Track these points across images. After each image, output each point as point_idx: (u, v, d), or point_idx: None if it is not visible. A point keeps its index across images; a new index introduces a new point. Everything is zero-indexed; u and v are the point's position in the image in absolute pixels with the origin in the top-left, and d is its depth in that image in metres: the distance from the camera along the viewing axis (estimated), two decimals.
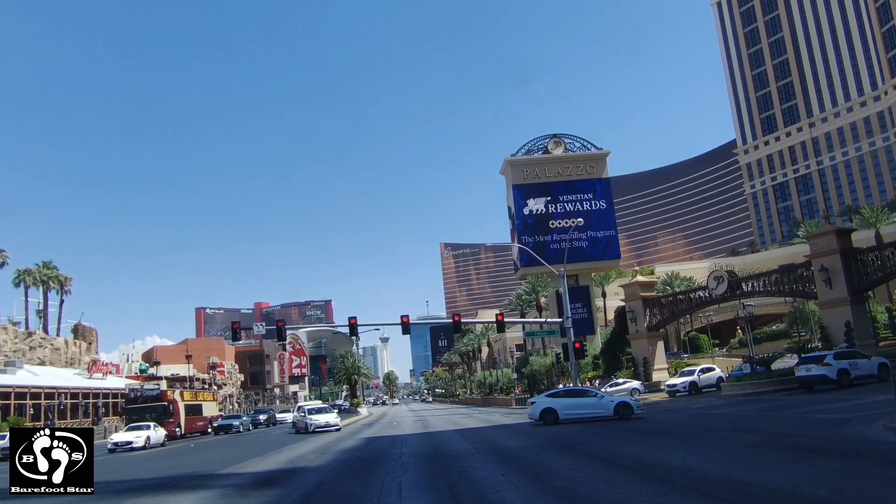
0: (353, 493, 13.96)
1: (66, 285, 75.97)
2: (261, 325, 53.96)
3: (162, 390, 50.90)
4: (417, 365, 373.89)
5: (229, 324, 64.23)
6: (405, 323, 45.10)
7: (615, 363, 60.02)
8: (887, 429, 15.32)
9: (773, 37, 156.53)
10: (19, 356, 61.74)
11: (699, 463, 14.17)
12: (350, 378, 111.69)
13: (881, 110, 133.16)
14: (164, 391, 50.49)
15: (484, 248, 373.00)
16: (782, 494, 9.95)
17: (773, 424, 21.53)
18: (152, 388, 52.92)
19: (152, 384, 58.16)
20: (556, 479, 13.58)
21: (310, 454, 24.35)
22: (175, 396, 50.44)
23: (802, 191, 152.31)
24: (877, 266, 40.07)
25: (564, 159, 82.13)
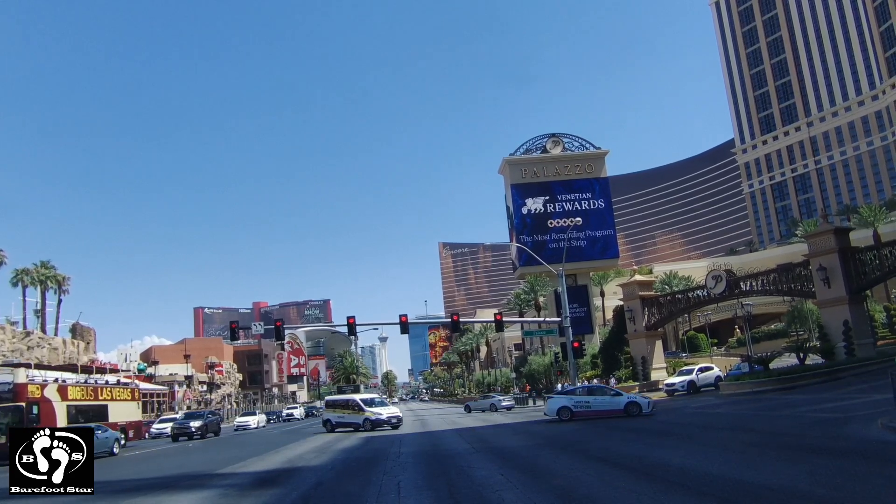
0: (351, 492, 13.96)
1: (63, 285, 75.82)
2: (259, 324, 54.05)
3: (17, 384, 32.34)
4: (416, 364, 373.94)
5: (228, 323, 64.26)
6: (403, 322, 45.09)
7: (613, 362, 60.07)
8: (886, 428, 15.35)
9: (772, 36, 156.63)
10: (17, 356, 61.61)
11: (698, 462, 14.19)
12: (349, 377, 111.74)
13: (879, 110, 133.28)
14: (20, 385, 32.32)
15: (482, 248, 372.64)
16: (782, 494, 9.96)
17: (771, 424, 21.56)
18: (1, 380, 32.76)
19: (4, 374, 34.28)
20: (554, 479, 13.60)
21: (308, 454, 24.34)
22: (47, 393, 33.66)
23: (800, 190, 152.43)
24: (875, 265, 40.13)
25: (563, 159, 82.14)
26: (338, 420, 37.89)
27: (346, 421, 37.45)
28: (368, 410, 37.22)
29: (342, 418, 37.70)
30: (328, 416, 38.92)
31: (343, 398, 41.78)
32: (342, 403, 39.42)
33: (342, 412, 38.14)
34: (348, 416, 37.54)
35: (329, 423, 38.12)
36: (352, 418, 37.24)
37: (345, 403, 39.24)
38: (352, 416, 37.37)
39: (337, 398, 42.44)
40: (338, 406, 39.22)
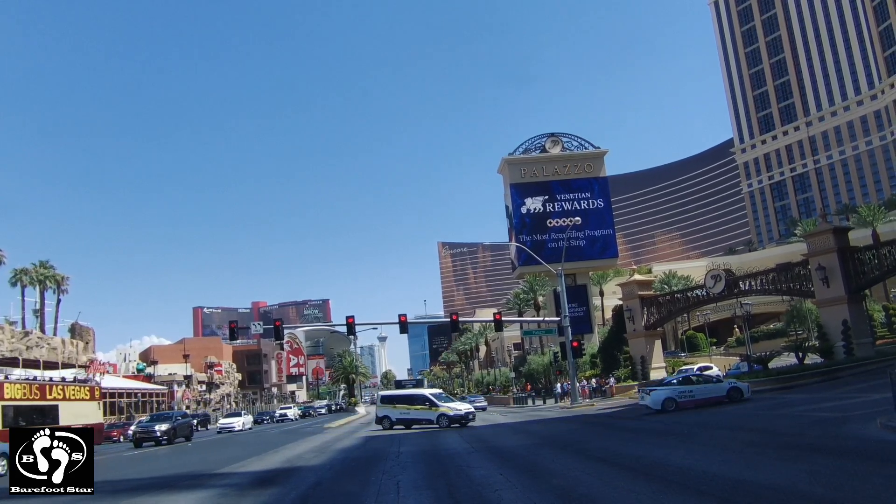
0: (351, 492, 13.97)
1: (62, 284, 75.80)
2: (258, 324, 54.06)
3: None
4: (415, 364, 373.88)
5: (227, 323, 64.52)
6: (403, 322, 45.16)
7: (613, 362, 60.12)
8: (885, 427, 15.36)
9: (770, 36, 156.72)
10: (16, 356, 61.61)
11: (697, 461, 14.20)
12: (348, 377, 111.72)
13: (878, 109, 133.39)
14: None
15: (482, 248, 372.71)
16: (781, 493, 9.97)
17: (770, 423, 21.58)
18: None
19: None
20: (554, 478, 13.61)
21: (307, 453, 24.35)
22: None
23: (799, 190, 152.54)
24: (874, 265, 40.15)
25: (562, 158, 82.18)
26: (401, 417, 35.42)
27: (412, 417, 35.14)
28: (444, 406, 35.20)
29: (406, 414, 35.32)
30: (386, 412, 36.17)
31: (406, 393, 38.98)
32: (405, 398, 36.87)
33: (406, 407, 35.62)
34: (416, 412, 35.22)
35: (387, 421, 35.58)
36: (420, 414, 35.05)
37: (409, 398, 36.71)
38: (421, 412, 35.11)
39: (397, 393, 39.37)
40: (399, 401, 36.51)
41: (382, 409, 36.72)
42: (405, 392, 39.64)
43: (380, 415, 36.57)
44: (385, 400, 37.56)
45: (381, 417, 36.36)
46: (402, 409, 35.63)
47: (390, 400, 37.25)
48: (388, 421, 35.60)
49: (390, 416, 35.70)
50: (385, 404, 36.90)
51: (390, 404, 36.54)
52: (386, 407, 36.52)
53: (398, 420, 35.37)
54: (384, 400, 37.63)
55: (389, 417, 35.70)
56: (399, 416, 35.44)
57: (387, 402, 37.18)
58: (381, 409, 36.75)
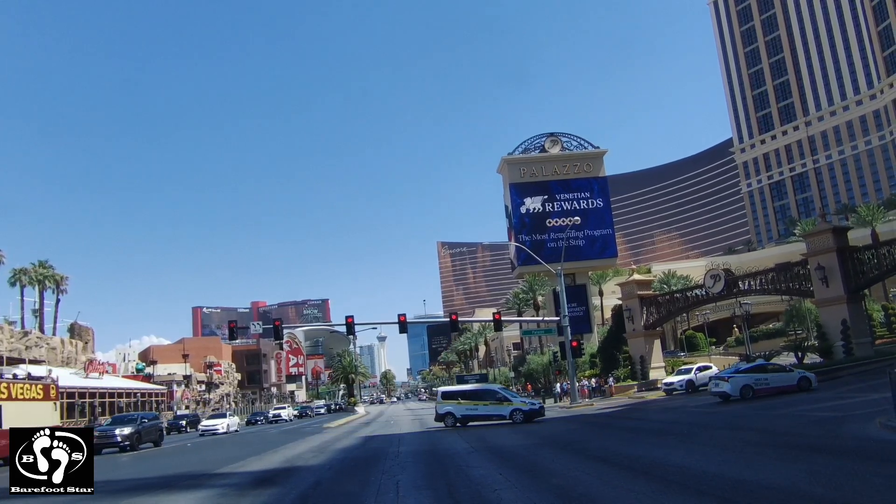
0: (350, 492, 13.96)
1: (62, 284, 75.86)
2: (258, 324, 54.03)
3: None
4: (415, 364, 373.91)
5: (226, 323, 64.43)
6: (402, 322, 45.15)
7: (612, 362, 60.14)
8: (884, 427, 15.37)
9: (770, 35, 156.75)
10: (15, 356, 61.59)
11: (696, 461, 14.20)
12: (347, 377, 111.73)
13: (877, 109, 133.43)
14: None
15: (481, 247, 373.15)
16: (780, 493, 9.98)
17: (770, 423, 21.58)
18: None
19: None
20: (553, 478, 13.61)
21: (307, 453, 24.35)
22: None
23: (799, 189, 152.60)
24: (873, 264, 40.19)
25: (561, 158, 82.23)
26: (466, 413, 33.42)
27: (480, 414, 33.27)
28: (517, 400, 33.99)
29: (473, 411, 33.40)
30: (449, 408, 33.91)
31: (473, 388, 37.04)
32: (471, 394, 35.01)
33: (473, 403, 33.66)
34: (485, 407, 33.35)
35: (451, 418, 33.42)
36: (490, 410, 33.22)
37: (476, 393, 34.96)
38: (491, 407, 33.28)
39: (461, 388, 37.12)
40: (464, 397, 34.48)
41: (444, 405, 34.34)
42: (471, 387, 37.65)
43: (441, 412, 34.21)
44: (447, 396, 35.46)
45: (442, 415, 34.04)
46: (468, 406, 33.61)
47: (453, 395, 35.24)
48: (452, 418, 33.49)
49: (454, 412, 33.62)
50: (447, 400, 34.73)
51: (453, 400, 34.47)
52: (448, 403, 34.31)
53: (463, 417, 33.39)
54: (446, 396, 35.49)
55: (453, 414, 33.62)
56: (464, 412, 33.49)
57: (449, 397, 35.09)
58: (443, 406, 34.33)
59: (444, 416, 33.93)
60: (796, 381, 31.23)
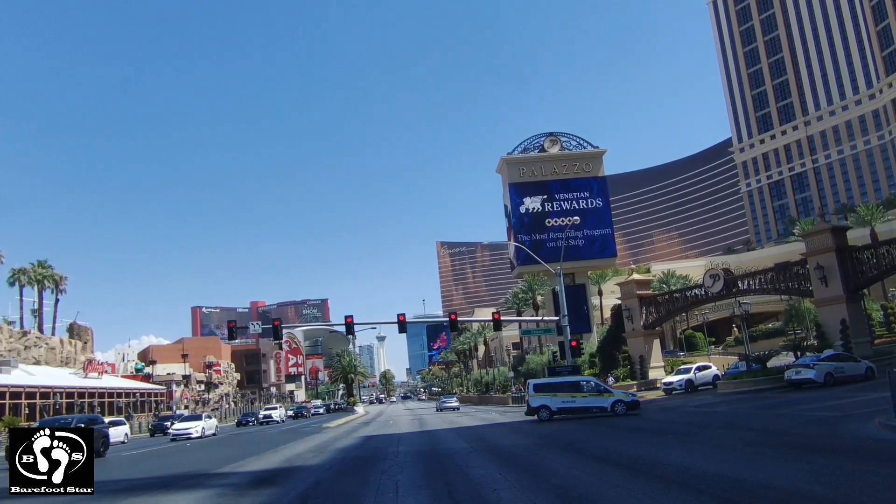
0: (350, 491, 13.96)
1: (61, 284, 75.81)
2: (257, 324, 53.95)
3: None
4: (414, 363, 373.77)
5: (226, 323, 64.30)
6: (401, 321, 45.15)
7: (612, 361, 60.15)
8: (884, 426, 15.39)
9: (769, 35, 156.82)
10: (14, 356, 61.60)
11: (696, 461, 14.21)
12: (346, 377, 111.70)
13: (876, 108, 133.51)
14: None
15: (480, 247, 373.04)
16: (780, 492, 9.98)
17: (769, 422, 21.60)
18: None
19: None
20: (553, 478, 13.62)
21: (306, 453, 24.34)
22: None
23: (798, 189, 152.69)
24: (872, 264, 40.21)
25: (561, 158, 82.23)
26: (563, 406, 32.13)
27: (578, 406, 32.05)
28: (618, 392, 33.32)
29: (570, 403, 32.14)
30: (543, 401, 32.57)
31: (569, 379, 35.35)
32: (567, 385, 33.53)
33: (570, 395, 32.36)
34: (583, 399, 32.15)
35: (545, 411, 32.14)
36: (589, 402, 32.03)
37: (573, 385, 33.51)
38: (590, 398, 32.13)
39: (557, 380, 35.53)
40: (560, 389, 33.04)
41: (538, 398, 32.98)
42: (567, 378, 35.97)
43: (535, 405, 32.89)
44: (540, 388, 33.90)
45: (536, 408, 32.76)
46: (565, 398, 32.30)
47: (549, 388, 33.70)
48: (547, 411, 32.27)
49: (549, 405, 32.38)
50: (541, 393, 33.27)
51: (549, 392, 33.02)
52: (543, 396, 32.93)
53: (560, 410, 32.19)
54: (539, 388, 33.91)
55: (549, 407, 32.36)
56: (561, 404, 32.24)
57: (543, 389, 33.57)
58: (537, 399, 32.98)
59: (537, 409, 32.71)
60: (864, 370, 32.78)
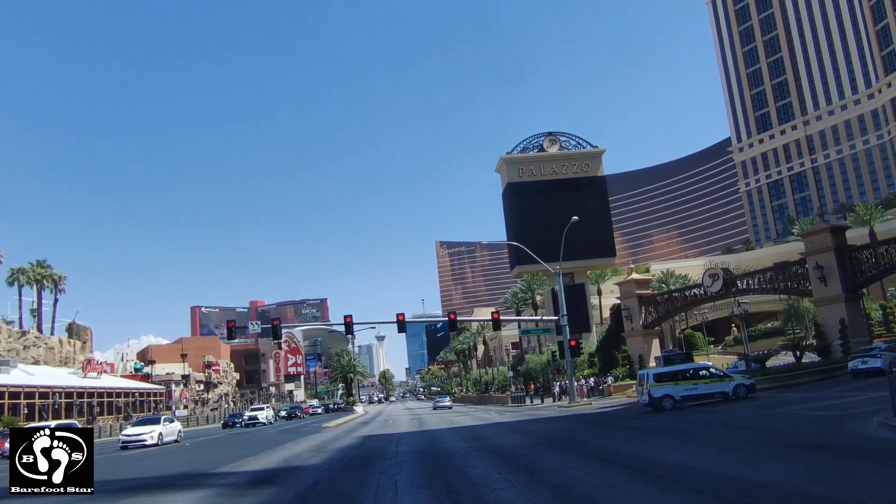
0: (349, 491, 13.96)
1: (60, 284, 75.81)
2: (256, 323, 53.97)
3: None
4: (413, 363, 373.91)
5: (225, 322, 64.12)
6: (401, 321, 45.19)
7: (611, 361, 60.20)
8: (883, 426, 15.40)
9: (768, 35, 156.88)
10: (13, 355, 61.61)
11: (695, 460, 14.22)
12: (346, 376, 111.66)
13: (875, 108, 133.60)
14: None
15: (479, 246, 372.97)
16: (779, 492, 9.99)
17: (768, 421, 21.60)
18: None
19: None
20: (552, 477, 13.62)
21: (305, 453, 24.35)
22: None
23: (797, 189, 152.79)
24: (871, 263, 40.26)
25: (560, 157, 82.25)
26: (686, 393, 31.66)
27: (701, 393, 31.72)
28: (736, 377, 32.85)
29: (693, 391, 31.69)
30: (666, 390, 31.81)
31: (690, 367, 34.93)
32: (687, 373, 33.04)
33: (692, 383, 31.92)
34: (705, 385, 31.85)
35: (669, 400, 31.45)
36: (712, 388, 31.80)
37: (694, 372, 33.17)
38: (713, 385, 31.89)
39: (678, 368, 34.54)
40: (682, 377, 32.47)
41: (659, 387, 32.07)
42: (687, 366, 35.16)
43: (657, 395, 31.93)
44: (661, 377, 32.96)
45: (659, 398, 31.83)
46: (688, 385, 31.82)
47: (670, 376, 32.85)
48: (671, 400, 31.48)
49: (672, 394, 31.69)
50: (663, 382, 32.39)
51: (671, 381, 32.24)
52: (664, 385, 32.12)
53: (683, 398, 31.64)
54: (660, 378, 32.88)
55: (672, 396, 31.64)
56: (684, 392, 31.71)
57: (665, 379, 32.69)
58: (659, 389, 32.03)
59: (660, 399, 31.77)
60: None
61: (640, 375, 35.04)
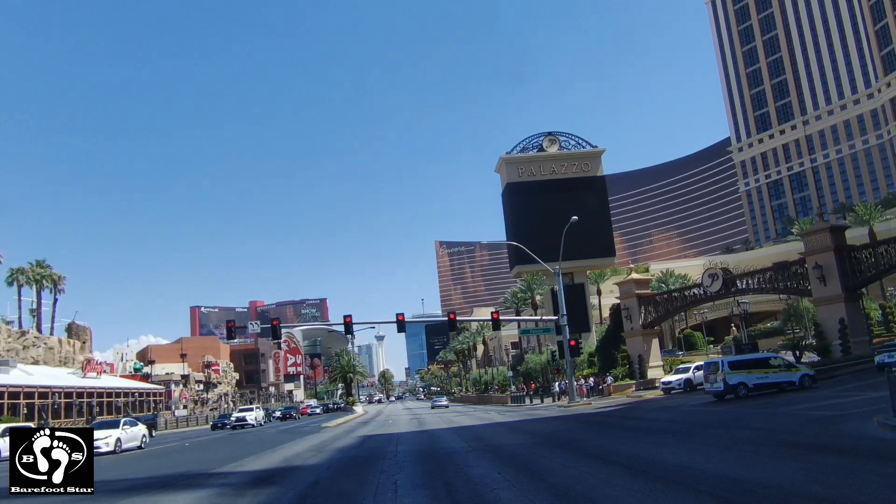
0: (348, 491, 13.96)
1: (59, 284, 75.77)
2: (256, 323, 53.96)
3: None
4: (413, 363, 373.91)
5: (224, 322, 64.15)
6: (400, 321, 45.19)
7: (610, 361, 60.16)
8: (882, 426, 15.41)
9: (767, 35, 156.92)
10: (12, 355, 61.56)
11: (695, 460, 14.22)
12: (345, 376, 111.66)
13: (874, 108, 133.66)
14: None
15: (479, 246, 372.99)
16: (778, 491, 10.00)
17: (768, 421, 21.62)
18: None
19: None
20: (551, 477, 13.61)
21: (305, 453, 24.35)
22: None
23: (796, 188, 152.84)
24: (870, 263, 40.27)
25: (559, 157, 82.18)
26: (759, 381, 32.45)
27: (771, 381, 32.66)
28: (802, 367, 33.68)
29: (764, 379, 32.50)
30: (741, 378, 32.53)
31: (761, 356, 36.07)
32: (759, 361, 33.95)
33: (764, 371, 32.78)
34: (775, 374, 32.71)
35: (743, 388, 32.29)
36: (780, 377, 32.70)
37: (764, 361, 34.08)
38: (781, 374, 32.77)
39: (751, 357, 35.47)
40: (754, 365, 33.30)
41: (735, 375, 32.70)
42: (758, 355, 36.28)
43: (732, 382, 32.57)
44: (736, 365, 33.53)
45: (734, 385, 32.49)
46: (759, 374, 32.64)
47: (744, 364, 33.56)
48: (745, 388, 32.30)
49: (746, 381, 32.44)
50: (737, 370, 33.03)
51: (744, 370, 32.95)
52: (739, 373, 32.85)
53: (756, 385, 32.49)
54: (735, 365, 33.47)
55: (746, 384, 32.39)
56: (756, 381, 32.51)
57: (739, 367, 33.31)
58: (735, 376, 32.66)
59: (735, 386, 32.38)
60: None
61: (711, 363, 35.45)
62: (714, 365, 34.06)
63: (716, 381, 32.81)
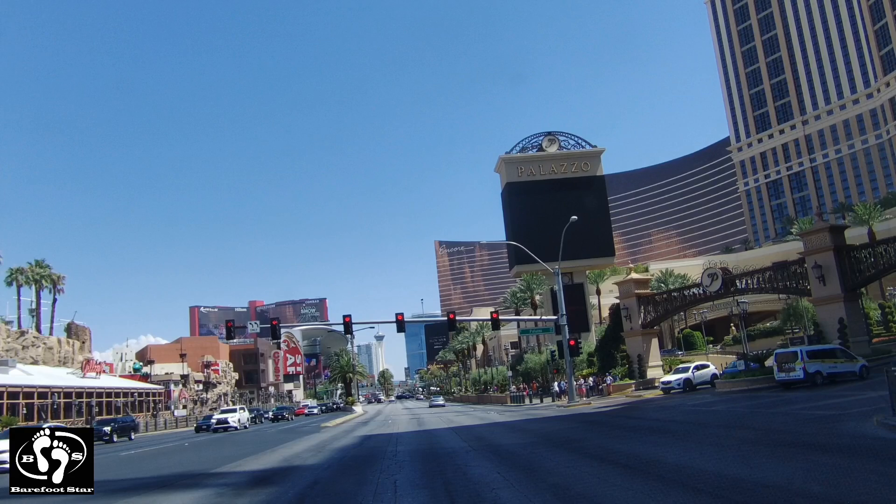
0: (348, 491, 13.95)
1: (58, 284, 75.71)
2: (255, 323, 53.90)
3: None
4: (412, 363, 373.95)
5: (224, 322, 63.94)
6: (400, 321, 45.20)
7: (610, 360, 60.18)
8: (881, 425, 15.42)
9: (767, 34, 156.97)
10: (12, 355, 61.53)
11: (694, 460, 14.23)
12: (345, 376, 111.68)
13: (874, 108, 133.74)
14: None
15: (478, 246, 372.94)
16: (777, 491, 10.00)
17: (767, 421, 21.63)
18: None
19: None
20: (551, 477, 13.62)
21: (304, 453, 24.34)
22: None
23: (796, 188, 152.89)
24: (870, 263, 40.30)
25: (559, 157, 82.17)
26: (831, 371, 34.11)
27: (839, 371, 34.22)
28: (860, 358, 35.31)
29: (833, 369, 34.17)
30: (818, 367, 34.18)
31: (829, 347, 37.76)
32: (827, 353, 35.73)
33: (833, 361, 34.56)
34: (842, 364, 34.45)
35: (820, 376, 33.81)
36: (846, 367, 34.43)
37: (833, 352, 35.90)
38: (847, 364, 34.56)
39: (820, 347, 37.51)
40: (824, 356, 35.11)
41: (813, 364, 34.27)
42: (826, 346, 38.16)
43: (811, 370, 34.08)
44: (813, 355, 35.17)
45: (812, 373, 33.97)
46: (830, 364, 34.25)
47: (819, 354, 35.31)
48: (821, 376, 33.78)
49: (822, 370, 34.03)
50: (814, 359, 34.64)
51: (819, 359, 34.60)
52: (815, 362, 34.44)
53: (830, 374, 33.95)
54: (812, 355, 35.11)
55: (822, 372, 33.96)
56: (829, 370, 34.07)
57: (815, 356, 34.95)
58: (813, 365, 34.24)
59: (813, 374, 33.71)
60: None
61: (787, 352, 36.72)
62: (791, 354, 35.41)
63: (793, 370, 33.99)
